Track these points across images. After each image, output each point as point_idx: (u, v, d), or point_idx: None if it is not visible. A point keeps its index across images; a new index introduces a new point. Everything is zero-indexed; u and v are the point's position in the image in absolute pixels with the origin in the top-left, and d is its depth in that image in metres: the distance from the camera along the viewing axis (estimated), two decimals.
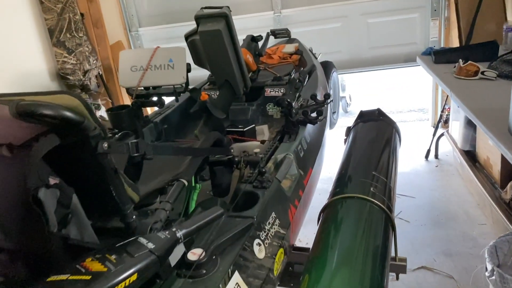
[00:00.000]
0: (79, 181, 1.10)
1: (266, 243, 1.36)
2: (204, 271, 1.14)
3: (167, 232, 1.08)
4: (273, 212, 1.48)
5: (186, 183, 1.33)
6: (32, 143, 0.99)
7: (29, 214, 1.00)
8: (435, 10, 4.00)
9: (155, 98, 2.25)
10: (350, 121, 5.09)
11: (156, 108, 2.44)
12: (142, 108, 2.26)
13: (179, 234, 1.08)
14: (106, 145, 1.02)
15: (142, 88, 2.21)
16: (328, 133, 2.78)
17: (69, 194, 1.07)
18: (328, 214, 1.62)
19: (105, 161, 1.04)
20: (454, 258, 2.61)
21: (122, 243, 1.03)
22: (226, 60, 2.23)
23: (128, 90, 2.23)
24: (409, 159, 3.86)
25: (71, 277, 0.91)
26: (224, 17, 2.16)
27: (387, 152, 2.03)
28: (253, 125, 2.32)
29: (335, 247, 1.45)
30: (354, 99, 5.66)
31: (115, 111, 2.22)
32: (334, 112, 3.68)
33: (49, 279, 0.91)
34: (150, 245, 1.02)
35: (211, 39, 2.20)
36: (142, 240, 1.04)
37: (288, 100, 1.85)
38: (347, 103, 5.38)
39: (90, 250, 1.14)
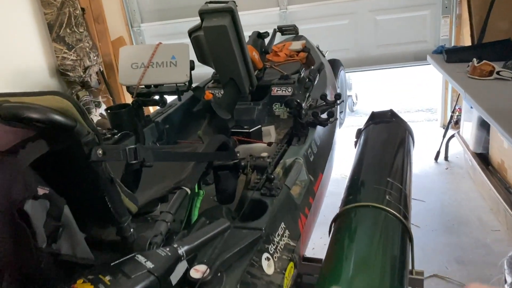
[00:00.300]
0: (71, 190, 1.00)
1: (275, 257, 1.26)
2: None
3: (167, 248, 0.97)
4: (283, 223, 1.37)
5: (189, 191, 1.22)
6: (18, 149, 0.89)
7: (14, 228, 0.89)
8: (446, 7, 3.88)
9: (156, 97, 2.15)
10: (356, 120, 5.00)
11: (157, 107, 2.33)
12: (143, 107, 2.16)
13: (181, 251, 0.98)
14: (100, 152, 0.92)
15: (143, 86, 2.11)
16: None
17: (60, 205, 0.97)
18: (341, 224, 1.52)
19: (99, 169, 0.93)
20: (467, 266, 2.50)
21: (117, 261, 0.92)
22: (231, 58, 2.12)
23: (129, 88, 2.13)
24: (418, 161, 3.74)
25: None
26: (230, 12, 2.05)
27: (401, 156, 1.92)
28: (259, 125, 2.21)
29: (350, 259, 1.34)
30: (360, 98, 5.54)
31: (115, 110, 2.12)
32: (341, 112, 3.57)
33: None
34: (149, 264, 0.91)
35: (216, 35, 2.09)
36: (140, 258, 0.93)
37: (298, 100, 1.74)
38: (353, 102, 5.27)
39: (84, 266, 1.04)
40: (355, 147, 2.24)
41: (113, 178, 0.99)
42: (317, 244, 2.44)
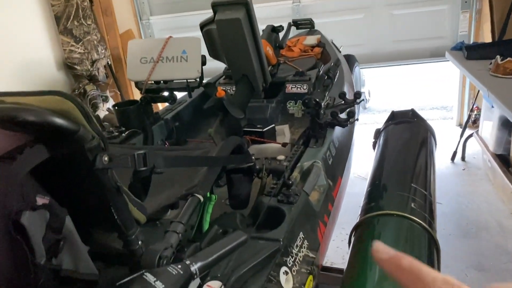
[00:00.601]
0: (74, 199, 0.91)
1: (293, 271, 1.16)
2: None
3: (179, 266, 0.88)
4: (301, 232, 1.27)
5: (201, 198, 1.13)
6: (14, 155, 0.80)
7: (10, 242, 0.80)
8: (465, 2, 3.73)
9: (166, 93, 2.06)
10: (369, 118, 4.88)
11: (167, 104, 2.24)
12: (152, 104, 2.07)
13: (194, 268, 0.88)
14: (106, 158, 0.82)
15: (152, 82, 2.02)
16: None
17: (61, 216, 0.88)
18: (363, 233, 1.41)
19: (105, 177, 0.84)
20: (488, 273, 2.38)
21: (124, 280, 0.83)
22: (245, 53, 2.02)
23: (137, 84, 2.04)
24: None
25: None
26: (245, 5, 1.94)
27: (424, 159, 1.81)
28: (273, 124, 2.11)
29: (375, 271, 1.24)
30: (373, 94, 5.41)
31: (122, 106, 2.03)
32: None
33: None
34: (159, 285, 0.82)
35: (229, 29, 1.98)
36: (149, 277, 0.84)
37: (317, 99, 1.63)
38: (366, 99, 5.14)
39: (87, 282, 0.96)
40: (374, 149, 2.13)
41: (120, 187, 0.89)
42: (330, 251, 2.34)
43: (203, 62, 1.95)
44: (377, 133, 2.15)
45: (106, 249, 1.00)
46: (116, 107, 1.99)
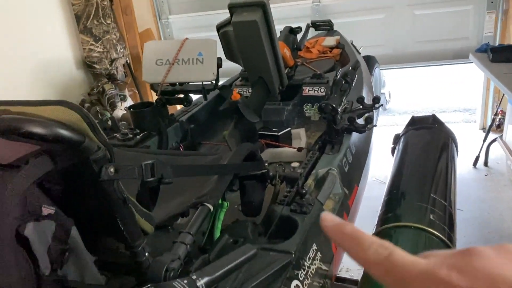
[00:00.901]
0: (81, 210, 0.89)
1: (305, 284, 1.13)
2: None
3: (185, 281, 0.85)
4: (314, 244, 1.23)
5: (211, 208, 1.10)
6: (20, 165, 0.79)
7: (14, 252, 0.79)
8: (491, 2, 3.61)
9: (181, 95, 2.05)
10: (389, 119, 4.79)
11: (182, 106, 2.23)
12: (168, 105, 2.06)
13: (200, 283, 0.85)
14: (112, 170, 0.80)
15: (168, 84, 2.00)
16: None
17: (67, 226, 0.86)
18: None
19: (110, 189, 0.82)
20: None
21: None
22: (261, 55, 1.98)
23: (153, 86, 2.02)
24: None
25: None
26: (262, 6, 1.90)
27: (444, 168, 1.74)
28: (289, 128, 2.07)
29: None
30: (394, 96, 5.31)
31: (138, 108, 2.03)
32: None
33: None
34: None
35: (245, 31, 1.95)
36: None
37: (333, 105, 1.59)
38: (386, 100, 5.05)
39: None
40: (392, 154, 2.08)
41: (127, 198, 0.87)
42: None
43: (219, 65, 1.93)
44: (396, 138, 2.09)
45: (114, 259, 0.99)
46: (132, 109, 1.99)
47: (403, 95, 5.59)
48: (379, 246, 0.34)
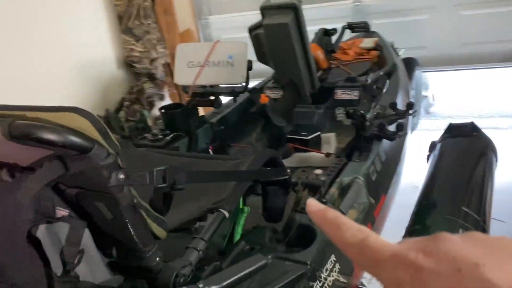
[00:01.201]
0: (94, 213, 0.91)
1: None
2: None
3: None
4: (333, 255, 1.20)
5: (227, 214, 1.10)
6: (35, 168, 0.81)
7: (25, 253, 0.82)
8: None
9: (212, 97, 2.06)
10: (432, 123, 4.61)
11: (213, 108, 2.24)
12: (198, 107, 2.08)
13: None
14: (122, 176, 0.81)
15: (199, 86, 2.02)
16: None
17: (80, 229, 0.88)
18: None
19: (120, 194, 0.83)
20: None
21: None
22: (292, 58, 1.96)
23: (184, 88, 2.05)
24: (499, 173, 3.34)
25: None
26: (293, 9, 1.88)
27: (480, 180, 1.65)
28: (319, 132, 2.04)
29: None
30: (438, 99, 5.11)
31: (169, 109, 2.06)
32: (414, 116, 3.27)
33: None
34: None
35: (276, 33, 1.94)
36: None
37: (361, 111, 1.54)
38: (429, 103, 4.86)
39: None
40: (427, 162, 1.99)
41: (137, 204, 0.88)
42: None
43: (249, 67, 1.92)
44: (432, 146, 2.00)
45: (127, 262, 1.00)
46: (163, 110, 2.02)
47: (448, 98, 5.36)
48: (357, 230, 0.36)
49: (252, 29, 2.12)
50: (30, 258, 0.81)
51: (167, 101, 3.82)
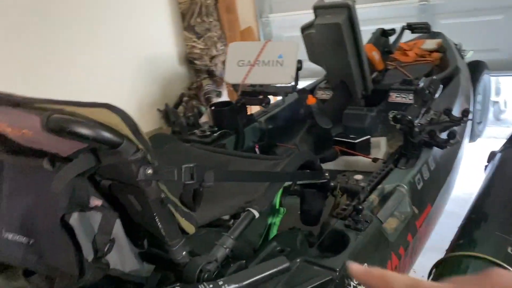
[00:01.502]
0: (126, 205, 0.95)
1: None
2: None
3: (211, 285, 0.87)
4: (366, 264, 1.17)
5: (257, 214, 1.10)
6: (72, 159, 0.87)
7: (62, 238, 0.88)
8: None
9: (261, 96, 2.07)
10: (502, 131, 4.31)
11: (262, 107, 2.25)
12: (247, 106, 2.10)
13: None
14: (150, 171, 0.84)
15: (249, 85, 2.04)
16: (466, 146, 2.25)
17: (112, 219, 0.93)
18: (444, 273, 1.24)
19: (148, 189, 0.86)
20: None
21: None
22: (344, 59, 1.93)
23: (234, 86, 2.08)
24: None
25: None
26: (347, 9, 1.84)
27: None
28: (369, 136, 1.98)
29: None
30: (511, 105, 4.76)
31: (219, 107, 2.10)
32: (479, 122, 3.08)
33: None
34: None
35: (328, 33, 1.91)
36: None
37: (409, 117, 1.48)
38: (500, 110, 4.55)
39: (133, 283, 1.01)
40: (484, 172, 1.86)
41: (165, 198, 0.91)
42: None
43: (299, 68, 1.91)
44: (491, 156, 1.87)
45: (157, 254, 1.04)
46: (212, 107, 2.06)
47: None
48: (406, 279, 0.38)
49: (304, 29, 2.10)
50: (64, 243, 0.86)
51: (225, 98, 3.89)
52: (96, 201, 0.92)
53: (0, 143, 0.99)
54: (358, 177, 1.43)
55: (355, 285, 1.13)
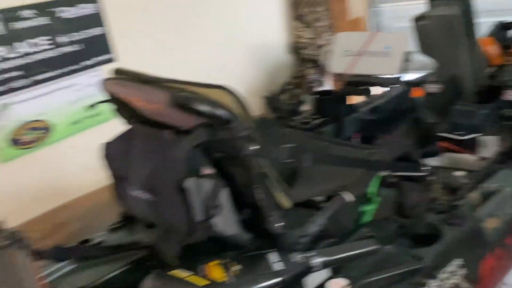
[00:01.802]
0: (232, 176, 1.07)
1: None
2: None
3: (302, 255, 0.95)
4: (461, 259, 1.16)
5: (348, 199, 1.15)
6: (190, 132, 1.00)
7: (176, 199, 1.02)
8: None
9: (364, 87, 2.07)
10: None
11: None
12: (349, 96, 2.12)
13: (316, 261, 0.94)
14: (255, 147, 0.95)
15: (353, 75, 2.06)
16: None
17: (219, 187, 1.05)
18: None
19: (251, 163, 0.97)
20: None
21: (252, 253, 0.96)
22: (455, 52, 1.86)
23: (338, 76, 2.11)
24: None
25: (189, 277, 0.90)
26: (462, 1, 1.77)
27: None
28: (477, 134, 1.89)
29: None
30: None
31: (321, 95, 2.15)
32: None
33: (170, 273, 0.92)
34: (278, 266, 0.92)
35: (441, 25, 1.86)
36: (273, 257, 0.95)
37: None
38: None
39: (234, 246, 1.12)
40: None
41: (267, 173, 1.01)
42: None
43: (407, 59, 1.88)
44: None
45: (257, 223, 1.14)
46: (314, 95, 2.13)
47: None
48: None
49: (417, 19, 2.06)
50: (179, 204, 1.01)
51: (327, 87, 3.91)
52: (207, 170, 1.04)
53: (133, 115, 1.17)
54: (459, 173, 1.40)
55: (445, 277, 1.13)
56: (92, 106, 1.22)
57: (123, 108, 1.19)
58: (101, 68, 2.31)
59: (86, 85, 2.30)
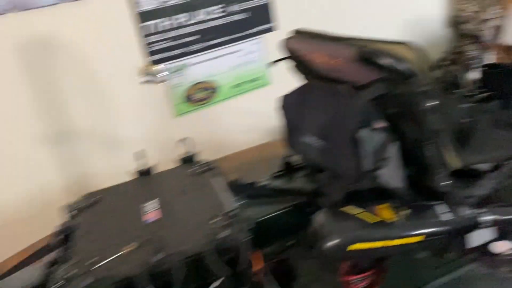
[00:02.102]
0: (404, 131, 1.11)
1: None
2: None
3: (471, 211, 0.98)
4: None
5: None
6: (367, 86, 1.07)
7: (349, 148, 1.10)
8: None
9: None
10: None
11: None
12: None
13: (484, 218, 0.96)
14: (432, 103, 0.98)
15: None
16: None
17: (390, 141, 1.10)
18: None
19: (429, 118, 1.00)
20: None
21: (422, 202, 1.01)
22: None
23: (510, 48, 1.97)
24: None
25: (360, 214, 0.98)
26: None
27: None
28: None
29: None
30: None
31: (493, 69, 2.03)
32: None
33: (342, 209, 1.01)
34: (445, 217, 0.96)
35: None
36: (442, 208, 0.99)
37: None
38: None
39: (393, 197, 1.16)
40: None
41: (441, 130, 1.03)
42: None
43: None
44: None
45: (422, 180, 1.16)
46: (483, 68, 2.02)
47: None
48: None
49: None
50: (349, 152, 1.09)
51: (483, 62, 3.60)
52: (380, 124, 1.11)
53: (310, 71, 1.28)
54: None
55: None
56: (275, 61, 1.36)
57: (301, 65, 1.31)
58: (263, 36, 2.49)
59: (248, 52, 2.52)
